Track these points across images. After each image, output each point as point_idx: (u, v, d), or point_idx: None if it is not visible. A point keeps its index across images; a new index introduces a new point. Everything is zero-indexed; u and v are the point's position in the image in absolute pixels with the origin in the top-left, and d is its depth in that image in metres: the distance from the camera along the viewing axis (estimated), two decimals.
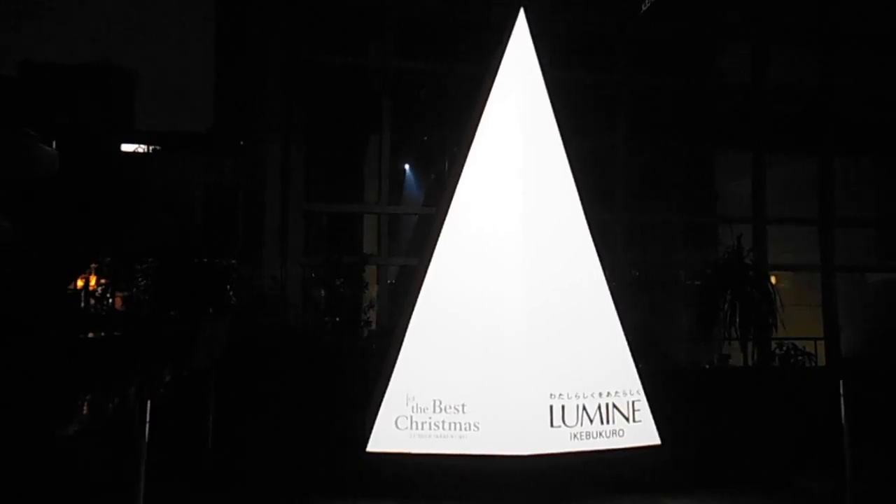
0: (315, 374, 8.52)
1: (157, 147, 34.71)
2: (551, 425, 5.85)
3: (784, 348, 9.55)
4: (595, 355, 6.20)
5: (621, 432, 6.07)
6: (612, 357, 6.28)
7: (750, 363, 9.53)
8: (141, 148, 33.64)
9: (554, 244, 6.34)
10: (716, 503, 5.85)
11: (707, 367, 10.37)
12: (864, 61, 14.40)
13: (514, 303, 6.06)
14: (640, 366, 6.38)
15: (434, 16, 12.43)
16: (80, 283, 21.12)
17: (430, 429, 5.76)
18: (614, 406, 6.11)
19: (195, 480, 6.01)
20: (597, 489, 6.00)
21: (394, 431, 5.77)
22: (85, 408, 10.65)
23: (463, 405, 5.79)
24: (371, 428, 5.93)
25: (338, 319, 9.13)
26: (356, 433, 6.34)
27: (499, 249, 6.20)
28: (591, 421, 5.98)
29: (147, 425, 4.57)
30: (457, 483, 5.91)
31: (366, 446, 5.84)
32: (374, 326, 9.81)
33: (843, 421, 5.44)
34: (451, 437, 5.74)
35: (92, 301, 22.83)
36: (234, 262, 11.77)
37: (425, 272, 6.55)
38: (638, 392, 6.24)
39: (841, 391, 5.50)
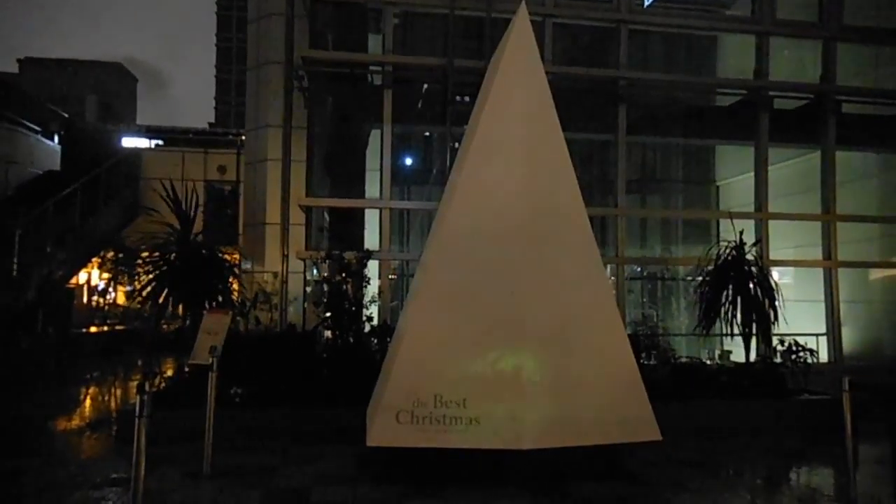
0: (316, 369, 8.55)
1: (159, 142, 34.76)
2: (551, 419, 5.84)
3: (786, 344, 9.52)
4: (596, 350, 6.19)
5: (622, 426, 6.05)
6: (614, 352, 6.27)
7: (752, 358, 9.53)
8: (143, 143, 33.67)
9: (556, 240, 6.33)
10: (714, 496, 5.83)
11: (708, 361, 10.37)
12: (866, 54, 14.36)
13: (516, 298, 6.04)
14: (641, 360, 6.37)
15: (435, 9, 12.40)
16: (82, 277, 21.16)
17: (430, 423, 5.75)
18: (615, 400, 6.10)
19: (195, 473, 6.02)
20: (597, 483, 6.00)
21: (395, 426, 5.76)
22: (87, 401, 10.68)
23: (464, 400, 5.78)
24: (372, 422, 5.93)
25: (339, 315, 9.12)
26: (357, 427, 6.34)
27: (501, 245, 6.17)
28: (593, 415, 5.97)
29: (147, 419, 4.57)
30: (458, 473, 5.91)
31: (367, 440, 5.83)
32: (375, 322, 9.81)
33: (846, 416, 5.42)
34: (452, 431, 5.74)
35: (94, 297, 22.90)
36: (235, 257, 11.79)
37: (427, 268, 6.54)
38: (639, 386, 6.23)
39: (845, 387, 5.48)
